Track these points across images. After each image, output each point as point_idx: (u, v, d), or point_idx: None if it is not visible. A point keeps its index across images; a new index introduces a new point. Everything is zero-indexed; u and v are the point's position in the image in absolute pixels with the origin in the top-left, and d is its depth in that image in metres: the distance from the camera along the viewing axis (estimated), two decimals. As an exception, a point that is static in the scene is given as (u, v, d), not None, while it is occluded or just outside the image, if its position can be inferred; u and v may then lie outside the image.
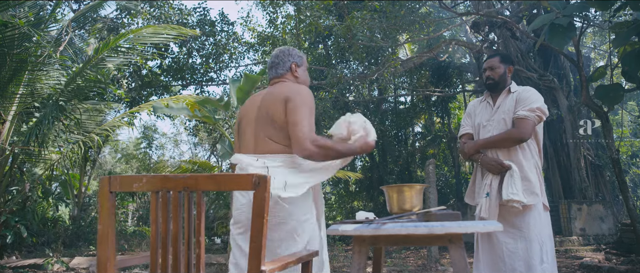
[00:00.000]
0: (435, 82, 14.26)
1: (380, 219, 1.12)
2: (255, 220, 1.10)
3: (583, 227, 9.07)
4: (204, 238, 1.13)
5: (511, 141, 2.40)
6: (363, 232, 1.09)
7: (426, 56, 11.38)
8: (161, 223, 1.15)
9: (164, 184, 1.15)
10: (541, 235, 2.31)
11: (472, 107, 2.71)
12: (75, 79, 4.88)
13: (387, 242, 1.09)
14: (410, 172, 15.76)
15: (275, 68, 2.03)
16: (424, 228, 1.01)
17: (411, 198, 1.21)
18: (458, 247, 1.03)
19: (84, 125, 5.95)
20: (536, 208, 2.36)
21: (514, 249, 2.31)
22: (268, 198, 1.11)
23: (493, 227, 1.06)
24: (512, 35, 11.26)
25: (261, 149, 1.82)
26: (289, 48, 2.09)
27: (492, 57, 2.60)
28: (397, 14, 7.58)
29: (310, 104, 1.78)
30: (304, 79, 2.06)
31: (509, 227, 2.37)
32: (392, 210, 1.25)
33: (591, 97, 6.03)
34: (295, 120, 1.73)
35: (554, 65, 11.59)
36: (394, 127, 16.05)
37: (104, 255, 1.14)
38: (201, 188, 1.14)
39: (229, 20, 11.45)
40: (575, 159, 10.11)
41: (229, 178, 1.13)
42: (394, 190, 1.24)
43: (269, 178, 1.12)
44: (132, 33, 4.92)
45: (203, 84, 11.97)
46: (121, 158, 17.60)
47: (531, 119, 2.35)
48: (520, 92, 2.49)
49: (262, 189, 1.11)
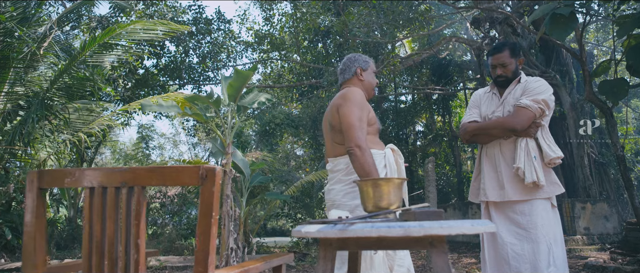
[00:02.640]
0: (436, 80, 14.08)
1: (350, 219, 0.96)
2: (202, 220, 0.94)
3: (587, 226, 8.87)
4: (144, 241, 0.97)
5: (502, 129, 2.24)
6: (328, 233, 0.92)
7: (426, 53, 11.21)
8: (95, 224, 0.99)
9: (99, 179, 0.99)
10: (549, 235, 2.14)
11: (477, 97, 2.51)
12: (62, 76, 4.73)
13: (357, 245, 0.93)
14: (411, 171, 15.60)
15: (342, 74, 2.24)
16: (399, 229, 0.85)
17: (389, 194, 1.04)
18: (441, 252, 0.86)
19: (74, 124, 5.80)
20: (543, 205, 2.19)
21: (519, 251, 2.15)
22: (217, 193, 0.95)
23: (482, 227, 0.90)
24: (513, 32, 11.05)
25: (332, 153, 2.12)
26: (356, 55, 2.28)
27: (501, 52, 2.34)
28: (394, 9, 7.41)
29: (358, 104, 1.99)
30: (368, 81, 2.22)
31: (514, 226, 2.21)
32: (367, 208, 1.08)
33: (595, 93, 5.85)
34: (345, 124, 1.98)
35: (556, 62, 11.38)
36: (395, 126, 15.89)
37: (30, 262, 0.98)
38: (141, 183, 0.98)
39: (226, 18, 11.31)
40: (578, 157, 9.91)
41: (173, 172, 0.97)
42: (369, 185, 1.07)
43: (219, 171, 0.96)
44: (121, 28, 4.76)
45: (200, 83, 11.82)
46: (120, 159, 17.47)
47: (532, 110, 2.18)
48: (529, 81, 2.32)
49: (210, 184, 0.95)
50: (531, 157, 2.17)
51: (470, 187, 2.50)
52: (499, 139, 2.31)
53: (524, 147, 2.20)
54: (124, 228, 0.97)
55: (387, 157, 2.08)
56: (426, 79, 14.40)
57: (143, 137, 15.60)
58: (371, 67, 2.25)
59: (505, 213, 2.26)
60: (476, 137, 2.38)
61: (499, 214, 2.29)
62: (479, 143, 2.43)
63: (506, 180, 2.25)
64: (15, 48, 4.38)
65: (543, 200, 2.20)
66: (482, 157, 2.42)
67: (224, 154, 5.01)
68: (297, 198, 12.30)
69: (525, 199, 2.20)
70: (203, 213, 0.94)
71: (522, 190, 2.21)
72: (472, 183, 2.48)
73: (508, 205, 2.26)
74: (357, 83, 2.19)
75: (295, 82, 13.65)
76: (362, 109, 1.98)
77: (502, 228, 2.22)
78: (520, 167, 2.16)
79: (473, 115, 2.43)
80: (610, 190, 10.50)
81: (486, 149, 2.39)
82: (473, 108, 2.47)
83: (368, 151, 1.89)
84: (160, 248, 8.29)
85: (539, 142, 2.23)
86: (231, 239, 4.94)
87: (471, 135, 2.37)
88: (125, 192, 0.98)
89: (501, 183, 2.27)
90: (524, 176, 2.16)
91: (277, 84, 14.25)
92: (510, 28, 10.98)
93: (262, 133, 11.05)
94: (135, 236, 0.97)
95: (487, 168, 2.35)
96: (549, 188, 2.20)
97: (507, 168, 2.26)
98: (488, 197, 2.31)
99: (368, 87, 2.22)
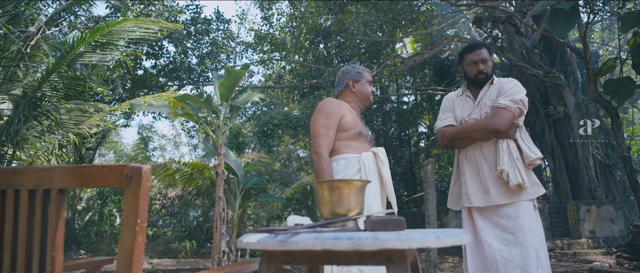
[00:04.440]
0: (439, 80, 13.90)
1: (300, 227, 0.83)
2: (125, 230, 0.81)
3: (592, 229, 8.67)
4: (62, 252, 0.84)
5: (484, 131, 2.17)
6: (267, 245, 0.79)
7: (428, 54, 11.05)
8: (7, 232, 0.86)
9: (9, 181, 0.86)
10: (535, 239, 2.07)
11: (450, 100, 2.42)
12: (50, 75, 4.64)
13: (305, 259, 0.79)
14: (413, 173, 15.41)
15: (337, 87, 2.32)
16: (348, 241, 0.71)
17: (348, 198, 0.90)
18: (400, 269, 0.72)
19: (67, 125, 5.70)
20: (528, 208, 2.12)
21: (508, 257, 2.06)
22: (144, 197, 0.82)
23: (451, 239, 0.76)
24: (516, 31, 10.87)
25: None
26: (349, 67, 2.31)
27: (480, 48, 2.32)
28: (393, 8, 7.27)
29: (325, 113, 2.05)
30: (361, 92, 2.26)
31: (501, 231, 2.12)
32: (323, 215, 0.95)
33: (600, 92, 5.68)
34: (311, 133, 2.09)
35: (560, 62, 11.18)
36: (397, 128, 15.72)
37: None
38: (57, 185, 0.85)
39: (225, 18, 11.22)
40: (583, 158, 9.70)
41: (94, 173, 0.84)
42: (325, 187, 0.92)
43: (144, 171, 0.83)
44: (110, 26, 4.66)
45: (199, 84, 11.74)
46: (120, 161, 17.41)
47: (511, 110, 2.13)
48: (503, 82, 2.28)
49: (134, 186, 0.81)
50: (513, 159, 2.11)
51: (449, 193, 2.39)
52: (479, 142, 2.23)
53: (506, 149, 2.13)
54: (38, 238, 0.84)
55: (362, 161, 2.04)
56: (428, 80, 14.24)
57: (143, 138, 15.53)
58: (365, 77, 2.28)
59: (490, 218, 2.17)
60: (455, 141, 2.30)
61: (483, 219, 2.19)
62: (457, 147, 2.34)
63: (490, 184, 2.16)
64: (2, 46, 4.30)
65: (527, 201, 2.13)
66: (461, 161, 2.32)
67: (217, 155, 4.90)
68: (298, 200, 12.17)
69: (510, 202, 2.12)
70: (126, 221, 0.81)
71: (507, 193, 2.13)
72: (451, 190, 2.38)
73: (493, 209, 2.16)
74: (349, 95, 2.26)
75: (296, 83, 13.54)
76: (330, 117, 2.04)
77: (488, 234, 2.14)
78: (504, 170, 2.09)
79: (448, 119, 2.35)
80: (617, 192, 10.26)
81: (465, 153, 2.30)
82: (446, 112, 2.38)
83: (325, 157, 1.98)
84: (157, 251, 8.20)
85: (518, 143, 2.18)
86: (223, 242, 4.83)
87: (449, 139, 2.29)
88: (41, 194, 0.86)
89: (485, 187, 2.18)
90: (508, 178, 2.09)
91: (278, 84, 14.14)
92: (513, 27, 10.79)
93: (260, 134, 10.94)
94: (51, 246, 0.84)
95: (468, 173, 2.25)
96: (531, 189, 2.14)
97: (490, 171, 2.18)
98: (472, 203, 2.21)
99: (361, 98, 2.27)
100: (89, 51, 4.84)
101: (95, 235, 9.42)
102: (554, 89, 10.23)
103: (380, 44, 9.84)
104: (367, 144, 2.12)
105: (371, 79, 2.31)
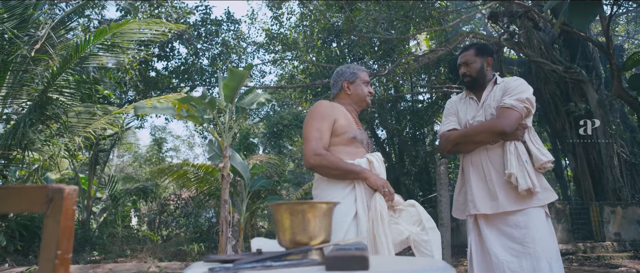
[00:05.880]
0: (454, 78, 13.57)
1: (257, 256, 0.69)
2: (43, 262, 0.68)
3: (618, 231, 8.27)
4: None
5: (490, 133, 2.02)
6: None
7: (442, 51, 10.77)
8: None
9: None
10: (548, 250, 1.89)
11: (453, 104, 2.29)
12: (55, 78, 4.63)
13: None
14: (428, 172, 15.11)
15: (332, 89, 2.19)
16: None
17: (311, 224, 0.76)
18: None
19: (76, 128, 5.71)
20: (539, 215, 1.95)
21: (518, 270, 1.89)
22: (68, 222, 0.69)
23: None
24: (534, 26, 10.48)
25: None
26: (343, 67, 2.16)
27: (466, 51, 2.24)
28: (404, 5, 7.07)
29: (317, 116, 1.90)
30: (356, 94, 2.10)
31: (509, 241, 1.95)
32: (281, 242, 0.80)
33: (624, 88, 5.37)
34: (303, 139, 1.95)
35: (581, 57, 10.72)
36: (412, 127, 15.44)
37: None
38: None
39: (235, 18, 11.17)
40: (607, 157, 9.26)
41: (8, 195, 0.72)
42: (284, 211, 0.79)
43: (68, 193, 0.70)
44: (113, 29, 4.62)
45: (211, 85, 11.73)
46: (135, 162, 17.61)
47: (518, 110, 1.99)
48: (507, 81, 2.15)
49: (55, 210, 0.68)
50: (523, 162, 1.95)
51: (453, 201, 2.24)
52: (485, 145, 2.08)
53: (514, 152, 1.97)
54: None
55: None
56: (444, 78, 13.92)
57: (156, 139, 15.62)
58: (360, 77, 2.12)
59: (498, 227, 2.00)
60: (458, 146, 2.15)
61: (490, 228, 2.03)
62: (462, 152, 2.20)
63: (498, 190, 2.00)
64: (8, 51, 4.30)
65: (538, 208, 1.96)
66: (466, 167, 2.17)
67: (222, 157, 4.81)
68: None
69: (519, 209, 1.96)
70: (44, 253, 0.68)
71: (516, 198, 1.97)
72: (456, 198, 2.23)
73: (501, 217, 2.00)
74: (344, 97, 2.13)
75: (308, 83, 13.43)
76: (323, 120, 1.90)
77: (495, 244, 1.98)
78: (513, 173, 1.93)
79: (451, 123, 2.21)
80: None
81: (471, 158, 2.14)
82: (450, 116, 2.25)
83: (328, 154, 1.83)
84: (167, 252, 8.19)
85: (527, 145, 2.02)
86: (229, 246, 4.73)
87: (453, 144, 2.14)
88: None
89: (493, 193, 2.01)
90: (517, 183, 1.93)
91: (290, 84, 14.05)
92: (531, 22, 10.41)
93: (270, 135, 10.85)
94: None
95: (474, 179, 2.09)
96: (543, 195, 1.98)
97: (498, 176, 2.02)
98: (479, 210, 2.05)
99: (357, 100, 2.12)
100: (95, 54, 4.81)
101: (108, 236, 9.48)
102: (575, 85, 9.81)
103: (393, 42, 9.62)
104: (363, 150, 1.95)
105: (368, 79, 2.14)
